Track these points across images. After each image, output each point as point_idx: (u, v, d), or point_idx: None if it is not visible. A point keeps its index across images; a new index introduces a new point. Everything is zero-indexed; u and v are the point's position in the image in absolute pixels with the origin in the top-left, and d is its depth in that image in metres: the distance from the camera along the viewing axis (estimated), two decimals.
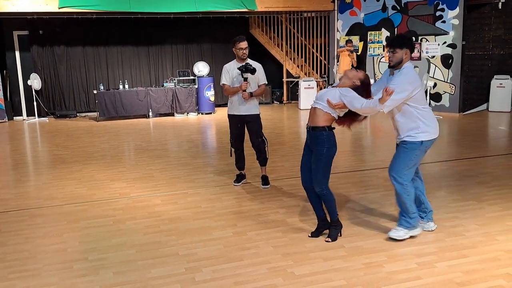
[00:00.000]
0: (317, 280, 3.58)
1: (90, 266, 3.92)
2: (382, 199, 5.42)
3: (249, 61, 5.91)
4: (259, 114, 6.01)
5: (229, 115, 6.06)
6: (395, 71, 4.23)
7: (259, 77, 5.93)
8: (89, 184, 6.40)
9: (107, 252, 4.19)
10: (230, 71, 5.94)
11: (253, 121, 5.95)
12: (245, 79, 5.75)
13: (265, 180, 6.10)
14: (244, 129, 6.03)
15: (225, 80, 5.97)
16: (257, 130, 5.98)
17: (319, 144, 4.16)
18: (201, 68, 13.78)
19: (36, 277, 3.75)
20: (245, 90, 5.76)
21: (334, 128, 4.24)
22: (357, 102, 4.02)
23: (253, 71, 5.75)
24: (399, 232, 4.27)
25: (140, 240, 4.45)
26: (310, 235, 4.39)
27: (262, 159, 6.09)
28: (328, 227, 4.38)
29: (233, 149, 6.13)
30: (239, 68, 5.77)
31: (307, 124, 4.28)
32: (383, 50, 13.06)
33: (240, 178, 6.23)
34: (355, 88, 4.12)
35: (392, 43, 4.18)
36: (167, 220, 4.96)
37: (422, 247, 4.12)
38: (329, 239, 4.27)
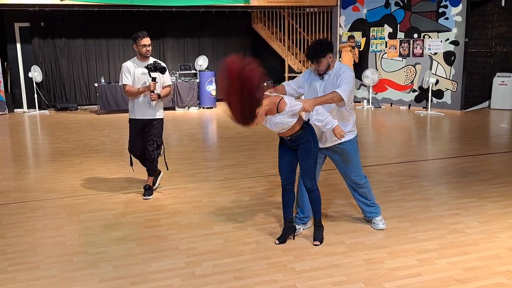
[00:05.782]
0: (317, 275, 3.57)
1: (90, 259, 3.91)
2: (384, 195, 5.40)
3: (152, 60, 5.33)
4: (163, 119, 5.48)
5: (130, 120, 5.44)
6: (325, 76, 4.14)
7: (164, 78, 5.41)
8: (89, 177, 6.39)
9: (107, 245, 4.19)
10: (131, 70, 5.31)
11: (155, 125, 5.40)
12: (153, 79, 5.20)
13: (147, 190, 5.51)
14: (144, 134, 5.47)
15: (126, 80, 5.30)
16: (155, 135, 5.42)
17: (306, 140, 3.98)
18: (201, 63, 13.76)
19: (36, 269, 3.74)
20: (153, 91, 5.22)
21: (308, 120, 4.03)
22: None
23: (163, 69, 5.24)
24: (378, 224, 4.46)
25: (140, 234, 4.44)
26: (277, 242, 4.14)
27: (150, 169, 5.56)
28: (293, 231, 4.24)
29: (133, 157, 5.62)
30: (147, 67, 5.21)
31: (281, 137, 4.05)
32: (385, 46, 13.02)
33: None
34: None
35: (314, 56, 4.05)
36: (168, 214, 4.95)
37: (423, 243, 4.11)
38: (318, 243, 4.07)
